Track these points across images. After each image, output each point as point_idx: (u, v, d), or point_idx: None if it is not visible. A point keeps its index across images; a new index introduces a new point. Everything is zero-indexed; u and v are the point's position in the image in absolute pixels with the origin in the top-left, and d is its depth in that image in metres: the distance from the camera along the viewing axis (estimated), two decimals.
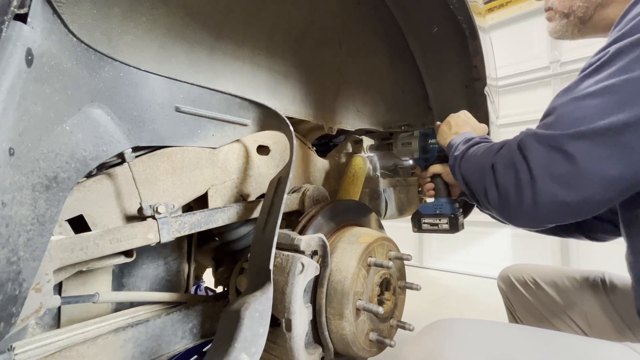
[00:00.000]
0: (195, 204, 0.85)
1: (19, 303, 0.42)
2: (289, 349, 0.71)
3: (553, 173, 0.50)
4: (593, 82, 0.49)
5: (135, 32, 0.68)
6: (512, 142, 0.58)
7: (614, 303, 0.79)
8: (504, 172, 0.56)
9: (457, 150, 0.77)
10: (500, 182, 0.56)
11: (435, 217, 1.03)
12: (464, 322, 0.54)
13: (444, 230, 1.01)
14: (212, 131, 0.77)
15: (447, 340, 0.51)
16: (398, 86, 1.30)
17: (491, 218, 0.76)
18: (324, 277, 0.79)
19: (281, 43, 0.95)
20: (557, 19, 0.71)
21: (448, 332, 0.53)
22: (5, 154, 0.37)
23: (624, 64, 0.46)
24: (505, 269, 1.04)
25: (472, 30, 0.98)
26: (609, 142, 0.46)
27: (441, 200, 1.03)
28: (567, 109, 0.51)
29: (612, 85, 0.47)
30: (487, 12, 1.31)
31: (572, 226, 0.85)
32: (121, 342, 0.70)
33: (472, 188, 0.66)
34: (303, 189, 0.97)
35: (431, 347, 0.51)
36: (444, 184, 1.04)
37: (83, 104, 0.55)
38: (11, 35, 0.37)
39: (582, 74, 0.53)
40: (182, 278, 0.97)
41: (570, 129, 0.49)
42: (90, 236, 0.59)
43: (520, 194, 0.53)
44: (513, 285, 0.98)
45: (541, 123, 0.56)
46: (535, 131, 0.55)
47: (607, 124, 0.46)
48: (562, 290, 0.89)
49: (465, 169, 0.70)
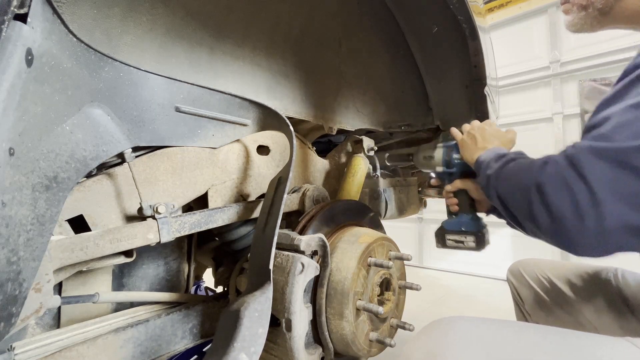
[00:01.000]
0: (195, 204, 0.85)
1: (19, 303, 0.42)
2: (289, 349, 0.71)
3: (622, 193, 0.44)
4: None
5: (135, 32, 0.68)
6: (560, 159, 0.51)
7: (626, 299, 0.78)
8: (555, 194, 0.49)
9: (490, 169, 0.70)
10: (554, 205, 0.49)
11: (461, 234, 0.97)
12: (465, 321, 0.54)
13: (470, 247, 0.96)
14: (212, 131, 0.77)
15: (448, 339, 0.50)
16: (398, 86, 1.30)
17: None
18: (324, 277, 0.79)
19: (281, 43, 0.95)
20: (575, 12, 0.68)
21: (449, 330, 0.52)
22: (5, 154, 0.37)
23: None
24: (516, 263, 1.03)
25: (472, 30, 0.98)
26: None
27: (466, 217, 0.97)
28: (627, 118, 0.45)
29: None
30: (487, 12, 1.31)
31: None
32: (121, 342, 0.70)
33: (513, 211, 0.60)
34: (303, 189, 0.97)
35: (432, 345, 0.50)
36: (470, 199, 0.96)
37: (83, 104, 0.55)
38: (11, 35, 0.37)
39: (631, 77, 0.48)
40: (182, 278, 0.97)
41: (637, 140, 0.43)
42: (90, 236, 0.59)
43: (582, 219, 0.46)
44: (524, 280, 0.97)
45: (592, 134, 0.50)
46: (589, 144, 0.48)
47: None
48: (574, 286, 0.87)
49: (503, 189, 0.63)
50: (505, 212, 0.63)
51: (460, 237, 0.98)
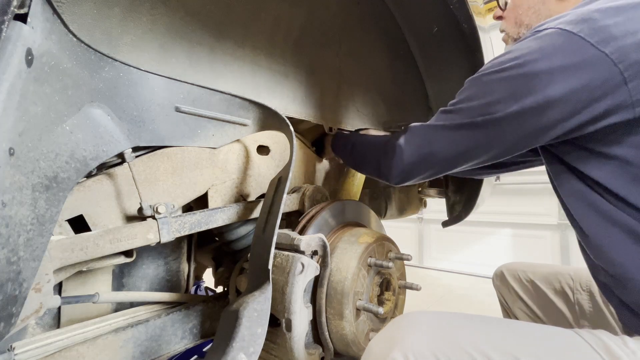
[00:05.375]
0: (195, 204, 0.85)
1: (19, 303, 0.42)
2: (289, 349, 0.71)
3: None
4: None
5: (135, 32, 0.68)
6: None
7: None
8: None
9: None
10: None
11: None
12: (428, 313, 0.59)
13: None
14: (212, 131, 0.77)
15: (408, 327, 0.55)
16: (398, 86, 1.30)
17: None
18: (324, 277, 0.79)
19: (281, 43, 0.95)
20: (511, 43, 0.81)
21: (412, 321, 0.57)
22: (5, 154, 0.37)
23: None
24: (500, 266, 1.05)
25: (472, 30, 0.98)
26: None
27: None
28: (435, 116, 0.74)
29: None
30: (487, 12, 1.32)
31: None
32: (121, 342, 0.70)
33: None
34: (303, 189, 0.97)
35: (394, 333, 0.55)
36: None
37: (83, 104, 0.55)
38: (11, 35, 0.37)
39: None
40: (182, 278, 0.97)
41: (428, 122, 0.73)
42: (90, 236, 0.59)
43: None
44: (508, 283, 0.99)
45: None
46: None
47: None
48: (556, 289, 0.89)
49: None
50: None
51: None
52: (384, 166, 0.78)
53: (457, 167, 0.69)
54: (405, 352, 0.50)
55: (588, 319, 0.83)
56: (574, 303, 0.85)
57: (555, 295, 0.89)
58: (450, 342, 0.51)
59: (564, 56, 0.53)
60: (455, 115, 0.66)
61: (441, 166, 0.70)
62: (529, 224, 3.13)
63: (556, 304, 0.88)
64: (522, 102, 0.56)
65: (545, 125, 0.56)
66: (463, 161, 0.68)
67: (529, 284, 0.94)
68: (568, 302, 0.87)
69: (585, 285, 0.85)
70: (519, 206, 3.20)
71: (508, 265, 1.03)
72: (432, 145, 0.69)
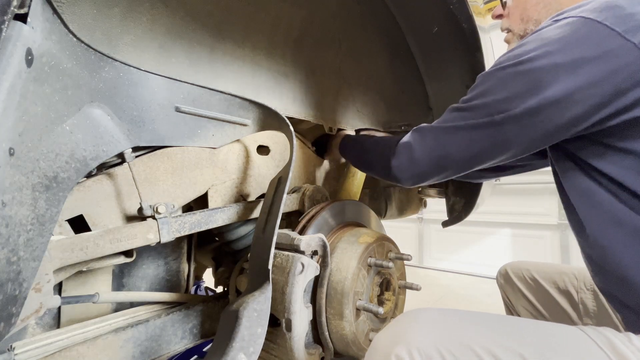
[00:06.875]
0: (195, 204, 0.85)
1: (19, 303, 0.42)
2: (289, 349, 0.71)
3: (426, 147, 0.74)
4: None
5: (135, 32, 0.68)
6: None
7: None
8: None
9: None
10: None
11: None
12: (433, 310, 0.58)
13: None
14: (212, 131, 0.77)
15: (413, 323, 0.54)
16: (398, 86, 1.30)
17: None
18: (324, 277, 0.79)
19: (281, 43, 0.95)
20: (515, 41, 0.77)
21: (416, 317, 0.56)
22: (5, 154, 0.37)
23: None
24: (504, 265, 1.05)
25: (472, 30, 0.98)
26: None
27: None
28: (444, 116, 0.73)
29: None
30: (487, 12, 1.32)
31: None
32: (121, 342, 0.70)
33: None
34: (303, 189, 0.97)
35: (398, 329, 0.54)
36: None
37: (83, 104, 0.55)
38: (11, 35, 0.37)
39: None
40: (182, 278, 0.97)
41: (437, 123, 0.70)
42: (90, 236, 0.59)
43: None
44: (512, 282, 0.99)
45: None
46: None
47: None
48: (560, 288, 0.89)
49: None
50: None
51: None
52: (396, 169, 0.74)
53: (472, 168, 0.66)
54: (410, 348, 0.49)
55: (592, 318, 0.83)
56: (578, 302, 0.85)
57: (559, 294, 0.89)
58: (454, 339, 0.50)
59: (588, 47, 0.49)
60: (469, 114, 0.62)
61: (456, 168, 0.67)
62: (529, 224, 3.13)
63: (560, 302, 0.88)
64: (542, 96, 0.52)
65: (568, 121, 0.53)
66: (480, 162, 0.64)
67: (533, 283, 0.94)
68: (572, 301, 0.86)
69: (590, 285, 0.84)
70: (519, 206, 3.20)
71: (512, 264, 1.03)
72: (446, 147, 0.65)
